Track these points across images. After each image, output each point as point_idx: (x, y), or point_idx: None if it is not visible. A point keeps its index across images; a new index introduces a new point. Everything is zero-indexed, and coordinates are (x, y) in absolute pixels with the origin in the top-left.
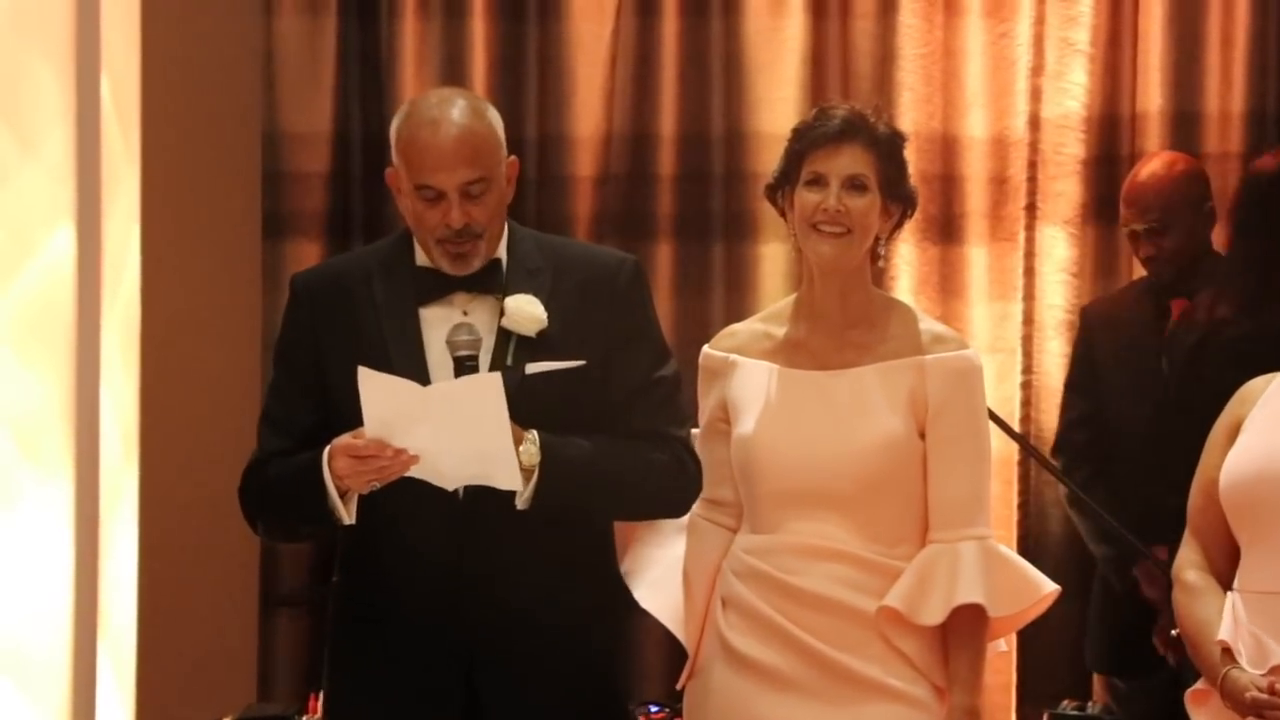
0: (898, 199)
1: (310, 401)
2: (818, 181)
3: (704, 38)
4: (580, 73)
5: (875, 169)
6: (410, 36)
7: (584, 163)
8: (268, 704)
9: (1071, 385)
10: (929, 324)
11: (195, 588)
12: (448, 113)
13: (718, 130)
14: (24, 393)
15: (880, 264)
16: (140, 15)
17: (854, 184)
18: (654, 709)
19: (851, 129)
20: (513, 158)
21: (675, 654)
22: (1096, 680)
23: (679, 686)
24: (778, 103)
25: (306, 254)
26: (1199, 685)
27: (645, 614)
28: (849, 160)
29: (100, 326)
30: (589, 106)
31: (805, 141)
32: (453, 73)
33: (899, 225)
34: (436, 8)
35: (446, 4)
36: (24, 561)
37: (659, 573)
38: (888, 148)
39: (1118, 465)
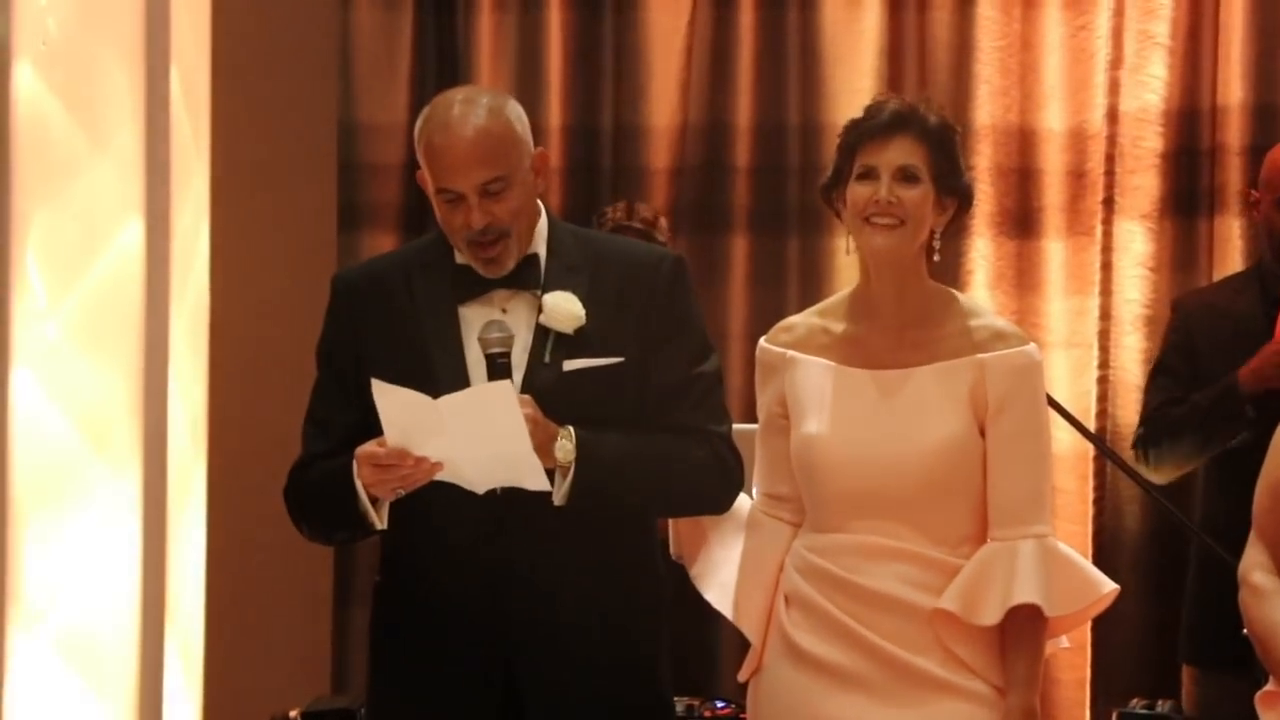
0: (951, 192)
1: (351, 401)
2: (869, 174)
3: (780, 29)
4: (656, 64)
5: (926, 159)
6: (486, 28)
7: (659, 154)
8: (338, 696)
9: (1164, 370)
10: (988, 319)
11: (266, 580)
12: (462, 114)
13: (793, 122)
14: (93, 385)
15: (935, 259)
16: (215, 9)
17: (905, 175)
18: (720, 704)
19: (901, 120)
20: (540, 149)
21: (746, 651)
22: (1186, 674)
23: (741, 679)
24: (854, 95)
25: (382, 246)
26: (1269, 687)
27: (716, 611)
28: (899, 151)
29: (169, 320)
30: (664, 98)
31: (855, 135)
32: (528, 64)
33: (955, 219)
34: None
35: None
36: (93, 553)
37: (729, 573)
38: (939, 138)
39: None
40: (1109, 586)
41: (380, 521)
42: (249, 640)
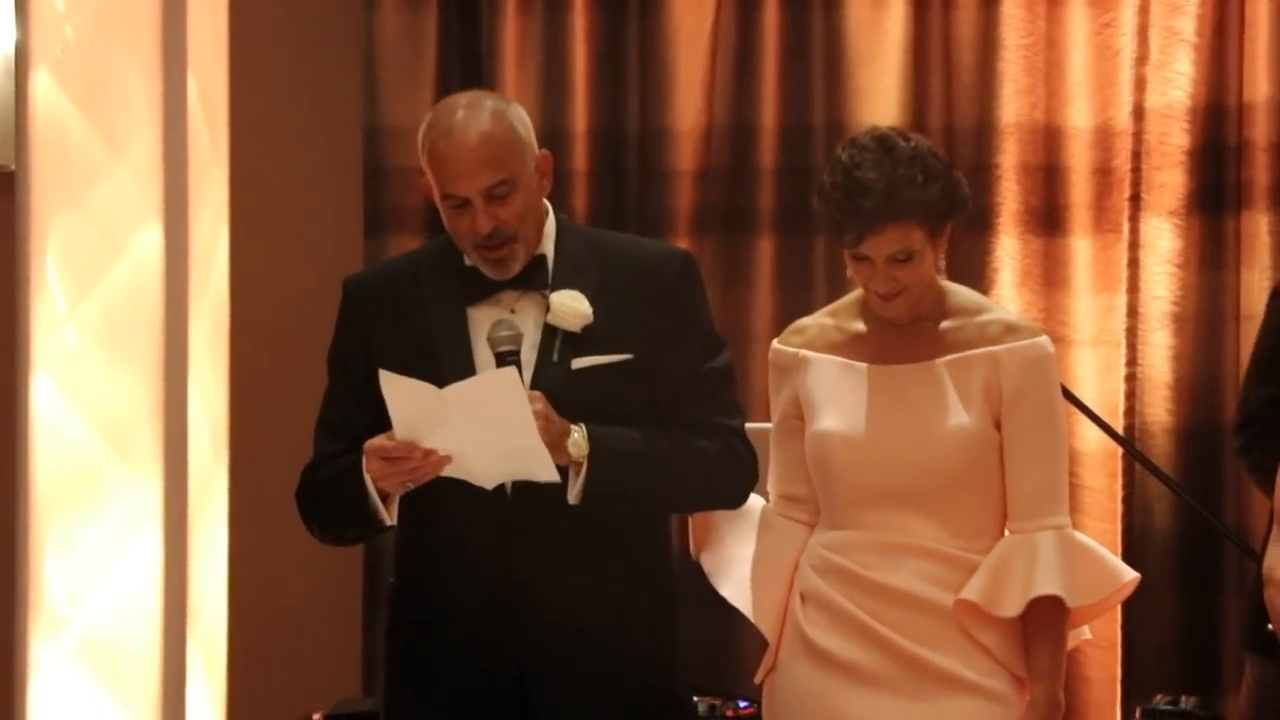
0: (949, 221)
1: (362, 403)
2: (863, 259)
3: (805, 29)
4: (681, 66)
5: (918, 231)
6: (511, 31)
7: (685, 156)
8: (365, 700)
9: (1259, 360)
10: (1000, 313)
11: (291, 583)
12: (464, 119)
13: (819, 122)
14: (113, 391)
15: (941, 274)
16: (238, 15)
17: (899, 257)
18: (743, 704)
19: (884, 214)
20: (544, 151)
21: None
22: (1249, 661)
23: (757, 681)
24: (879, 95)
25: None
26: None
27: (741, 611)
28: (888, 241)
29: (188, 325)
30: (689, 100)
31: (840, 231)
32: (553, 68)
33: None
34: (537, 3)
35: None
36: (114, 559)
37: (745, 569)
38: (924, 207)
39: None
40: (1130, 575)
41: (389, 517)
42: (275, 644)
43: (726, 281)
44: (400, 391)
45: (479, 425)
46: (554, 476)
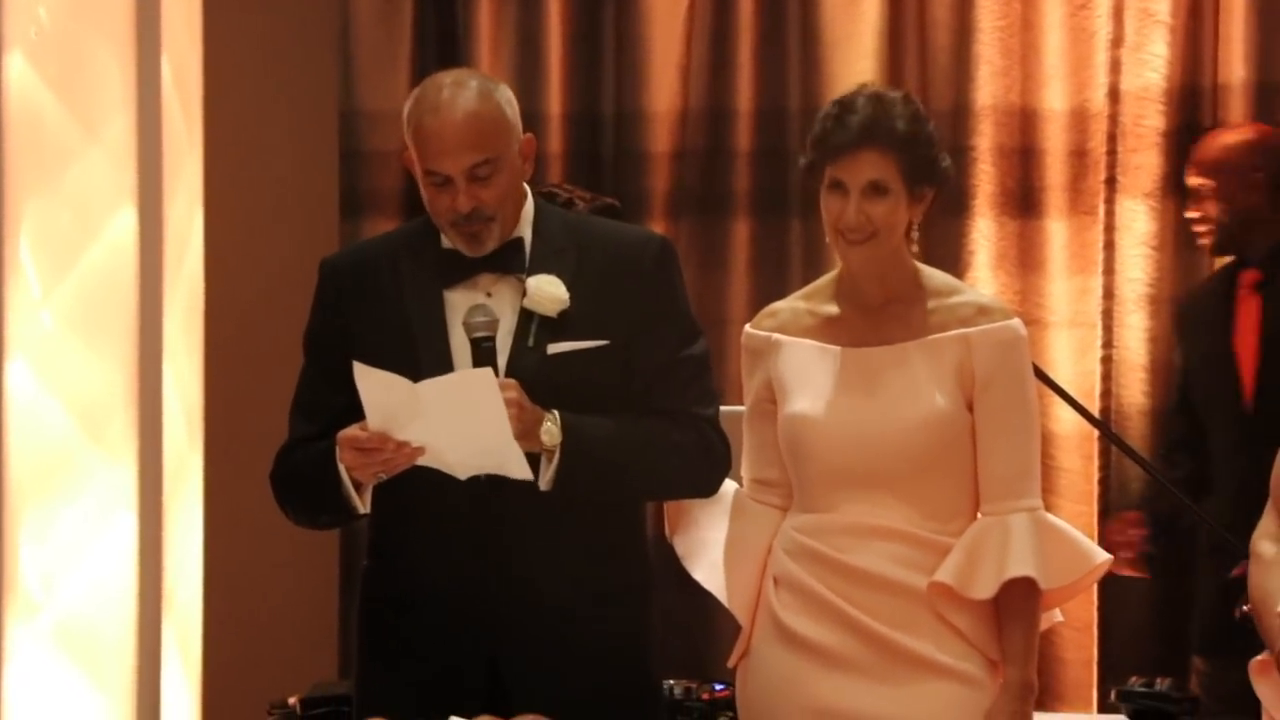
0: (928, 182)
1: (337, 386)
2: (838, 186)
3: (780, 12)
4: (656, 49)
5: (897, 168)
6: (486, 14)
7: (660, 139)
8: (341, 683)
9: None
10: (972, 295)
11: (267, 567)
12: (451, 97)
13: (794, 106)
14: (88, 374)
15: (914, 248)
16: None
17: (874, 188)
18: (719, 687)
19: (869, 134)
20: (528, 135)
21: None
22: (1198, 660)
23: (730, 665)
24: (855, 77)
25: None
26: (1262, 656)
27: (713, 595)
28: (867, 166)
29: (162, 308)
30: (665, 82)
31: (825, 148)
32: (528, 50)
33: (937, 198)
34: None
35: None
36: (89, 543)
37: (718, 553)
38: (908, 142)
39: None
40: (1102, 557)
41: (363, 505)
42: (251, 628)
43: (702, 264)
44: (373, 383)
45: (452, 421)
46: (527, 474)
